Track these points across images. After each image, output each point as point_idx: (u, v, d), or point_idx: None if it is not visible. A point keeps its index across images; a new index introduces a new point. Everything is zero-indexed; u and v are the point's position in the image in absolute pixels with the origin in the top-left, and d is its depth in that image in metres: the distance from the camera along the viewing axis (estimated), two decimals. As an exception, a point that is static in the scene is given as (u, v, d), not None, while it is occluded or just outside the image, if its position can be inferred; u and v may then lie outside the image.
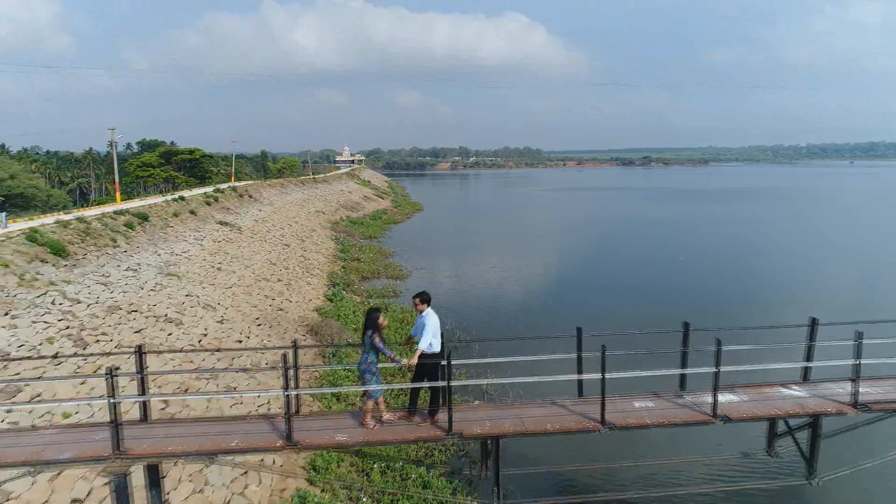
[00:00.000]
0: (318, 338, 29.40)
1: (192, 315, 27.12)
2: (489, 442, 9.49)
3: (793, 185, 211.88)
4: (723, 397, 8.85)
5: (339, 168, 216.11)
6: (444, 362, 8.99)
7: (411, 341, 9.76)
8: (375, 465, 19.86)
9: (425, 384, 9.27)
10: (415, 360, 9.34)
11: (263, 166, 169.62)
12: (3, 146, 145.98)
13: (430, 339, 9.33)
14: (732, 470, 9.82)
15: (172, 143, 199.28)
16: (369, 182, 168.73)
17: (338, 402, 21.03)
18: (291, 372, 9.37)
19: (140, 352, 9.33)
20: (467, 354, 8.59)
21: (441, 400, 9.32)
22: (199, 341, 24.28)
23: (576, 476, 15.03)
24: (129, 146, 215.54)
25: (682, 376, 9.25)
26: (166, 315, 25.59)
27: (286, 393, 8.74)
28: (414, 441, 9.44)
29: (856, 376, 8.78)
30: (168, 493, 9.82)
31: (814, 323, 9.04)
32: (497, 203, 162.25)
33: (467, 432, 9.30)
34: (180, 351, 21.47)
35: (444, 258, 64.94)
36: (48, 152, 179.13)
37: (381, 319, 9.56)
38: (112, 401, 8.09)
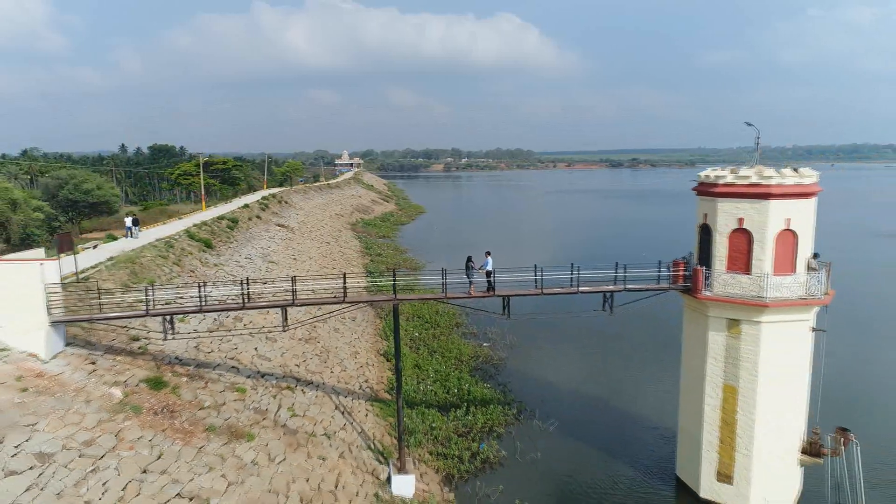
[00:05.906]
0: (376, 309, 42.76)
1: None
2: (505, 299, 24.30)
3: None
4: (583, 287, 22.58)
5: (340, 171, 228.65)
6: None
7: (480, 267, 23.28)
8: (430, 369, 33.42)
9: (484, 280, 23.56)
10: (483, 272, 23.38)
11: (269, 169, 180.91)
12: (29, 149, 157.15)
13: (489, 268, 23.63)
14: (590, 313, 23.92)
15: (182, 147, 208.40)
16: (373, 186, 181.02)
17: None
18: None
19: (394, 271, 23.25)
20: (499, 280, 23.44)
21: (490, 285, 23.40)
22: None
23: (536, 314, 37.27)
24: (138, 150, 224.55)
25: (571, 279, 23.06)
26: (283, 288, 38.78)
27: (444, 281, 23.31)
28: (482, 297, 24.26)
29: (624, 279, 23.95)
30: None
31: (617, 263, 22.78)
32: (492, 205, 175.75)
33: (498, 294, 23.74)
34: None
35: (449, 254, 78.36)
36: (62, 155, 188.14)
37: (472, 260, 23.62)
38: (394, 281, 23.65)
